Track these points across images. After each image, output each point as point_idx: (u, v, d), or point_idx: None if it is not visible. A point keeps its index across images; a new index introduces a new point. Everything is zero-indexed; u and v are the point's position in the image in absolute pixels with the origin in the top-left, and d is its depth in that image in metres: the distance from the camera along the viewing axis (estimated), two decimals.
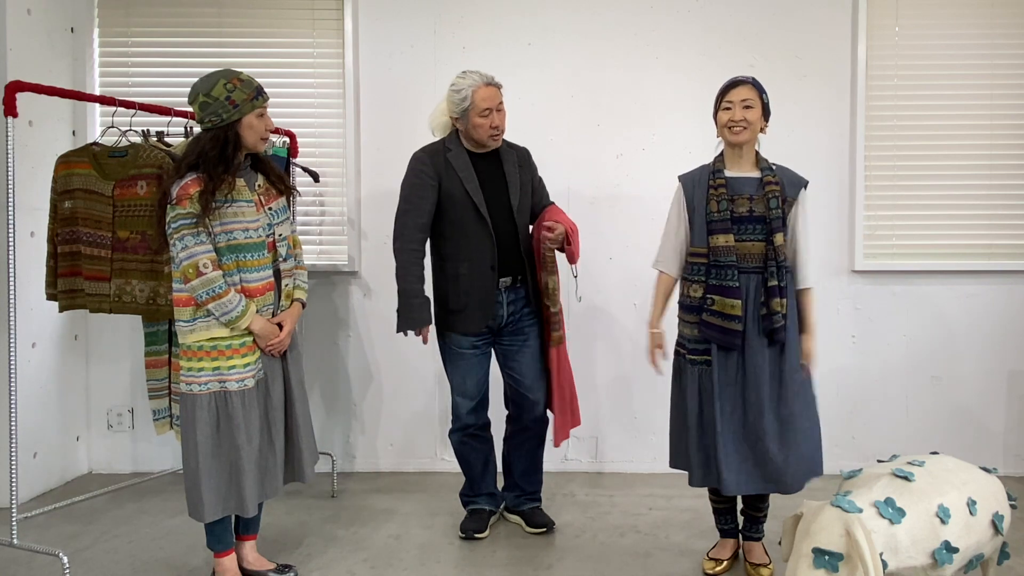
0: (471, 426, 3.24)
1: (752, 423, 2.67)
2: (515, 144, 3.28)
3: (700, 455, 2.75)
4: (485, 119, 3.01)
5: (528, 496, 3.37)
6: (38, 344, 3.77)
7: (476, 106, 2.99)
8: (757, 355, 2.68)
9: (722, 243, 2.70)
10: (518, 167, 3.18)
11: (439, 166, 3.07)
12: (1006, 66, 3.95)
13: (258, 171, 2.71)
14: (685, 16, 4.00)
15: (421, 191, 3.04)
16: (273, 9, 4.07)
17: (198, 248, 2.51)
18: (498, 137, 3.09)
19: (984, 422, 4.00)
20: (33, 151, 3.72)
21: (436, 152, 3.10)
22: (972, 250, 3.98)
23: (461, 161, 3.08)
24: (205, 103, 2.53)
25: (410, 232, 3.03)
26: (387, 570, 2.96)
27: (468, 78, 3.02)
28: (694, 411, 2.75)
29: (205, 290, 2.51)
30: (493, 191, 3.10)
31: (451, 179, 3.06)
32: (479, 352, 3.17)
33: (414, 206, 3.04)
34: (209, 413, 2.57)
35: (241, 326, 2.57)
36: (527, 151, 3.30)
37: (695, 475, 2.77)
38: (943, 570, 2.17)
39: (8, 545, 2.84)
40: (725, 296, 2.68)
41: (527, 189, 3.20)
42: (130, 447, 4.13)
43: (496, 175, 3.13)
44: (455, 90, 3.03)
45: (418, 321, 3.03)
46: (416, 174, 3.06)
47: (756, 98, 2.71)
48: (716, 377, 2.71)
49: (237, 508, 2.61)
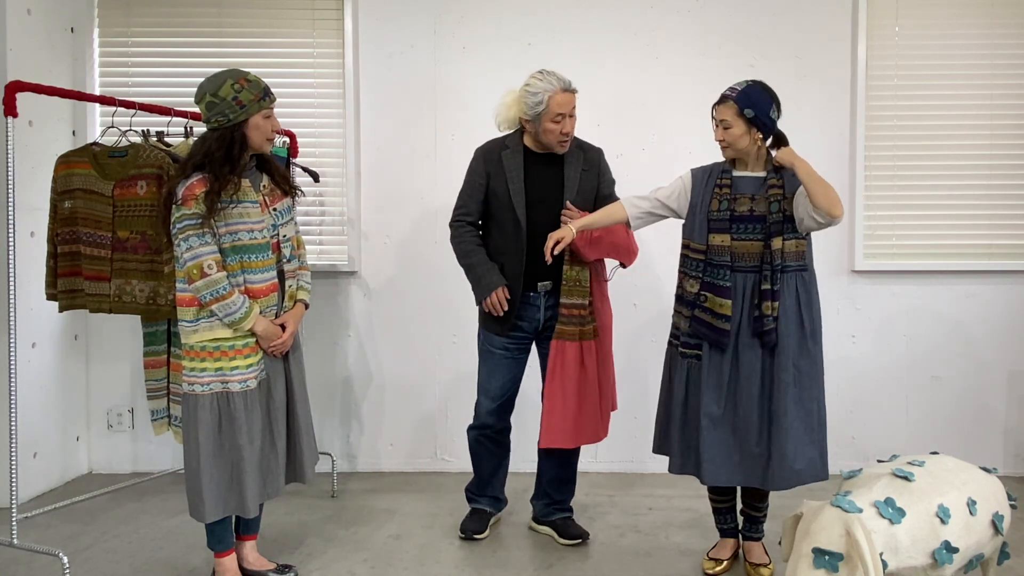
0: (489, 427, 3.20)
1: (739, 420, 2.69)
2: (587, 144, 3.15)
3: (681, 444, 2.79)
4: (557, 124, 2.95)
5: (557, 505, 3.25)
6: (38, 344, 3.77)
7: (550, 111, 2.92)
8: (748, 353, 2.69)
9: (718, 242, 2.71)
10: (582, 170, 3.07)
11: (491, 164, 3.06)
12: (1006, 66, 3.95)
13: (263, 172, 2.71)
14: (685, 16, 4.00)
15: (471, 188, 3.11)
16: (273, 9, 4.07)
17: (203, 249, 2.50)
18: (566, 143, 3.01)
19: (984, 422, 4.00)
20: (33, 151, 3.72)
21: (492, 150, 3.09)
22: (972, 250, 3.98)
23: (514, 161, 3.04)
24: (212, 103, 2.52)
25: (461, 217, 3.11)
26: (387, 570, 2.96)
27: (546, 80, 2.93)
28: (679, 401, 2.80)
29: (209, 291, 2.50)
30: (544, 193, 3.03)
31: (499, 179, 3.04)
32: (509, 355, 3.12)
33: (464, 201, 3.12)
34: (211, 413, 2.56)
35: (244, 327, 2.57)
36: (599, 152, 3.17)
37: (674, 462, 2.82)
38: (943, 570, 2.17)
39: (8, 545, 2.84)
40: (717, 295, 2.69)
41: (588, 194, 3.07)
42: (130, 447, 4.13)
43: (553, 177, 3.05)
44: (531, 92, 2.94)
45: (488, 285, 2.99)
46: (471, 171, 3.13)
47: (735, 117, 2.66)
48: (705, 373, 2.72)
49: (238, 508, 2.61)
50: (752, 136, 2.69)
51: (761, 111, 2.66)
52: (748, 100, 2.66)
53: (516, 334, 3.10)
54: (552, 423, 2.98)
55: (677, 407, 2.80)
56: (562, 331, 3.00)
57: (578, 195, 3.04)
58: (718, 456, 2.70)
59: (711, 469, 2.70)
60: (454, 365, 4.06)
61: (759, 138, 2.70)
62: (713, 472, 2.70)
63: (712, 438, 2.70)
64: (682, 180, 2.86)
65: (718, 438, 2.71)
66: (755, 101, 2.66)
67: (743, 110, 2.65)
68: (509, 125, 3.09)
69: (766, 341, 2.67)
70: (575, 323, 3.00)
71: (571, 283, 3.00)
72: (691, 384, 2.78)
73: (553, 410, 2.99)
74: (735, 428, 2.70)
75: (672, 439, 2.82)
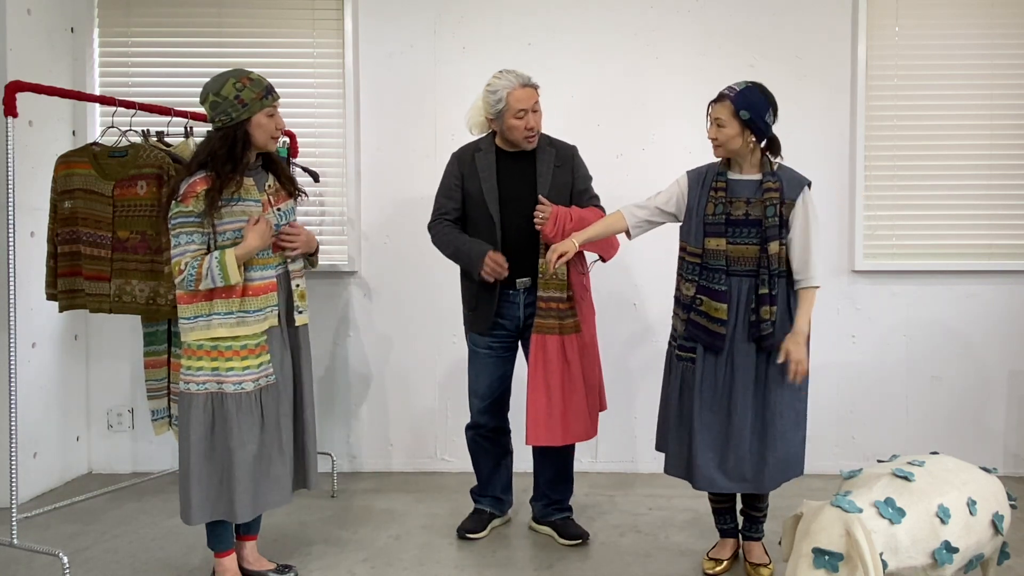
0: (483, 427, 3.23)
1: (733, 424, 2.69)
2: (559, 141, 3.17)
3: (675, 445, 2.81)
4: (520, 120, 2.97)
5: (556, 506, 3.26)
6: (38, 344, 3.77)
7: (511, 108, 2.95)
8: (743, 358, 2.69)
9: (713, 246, 2.71)
10: (554, 167, 3.09)
11: (465, 167, 3.10)
12: (1006, 66, 3.94)
13: (269, 171, 2.72)
14: (685, 16, 4.00)
15: (447, 189, 3.14)
16: (273, 9, 4.07)
17: (189, 247, 2.52)
18: (533, 139, 3.03)
19: (984, 422, 4.00)
20: (33, 151, 3.72)
21: (465, 152, 3.14)
22: (972, 250, 3.98)
23: (486, 161, 3.07)
24: (215, 102, 2.54)
25: (439, 217, 3.13)
26: (387, 570, 2.96)
27: (504, 79, 2.97)
28: (674, 403, 2.82)
29: (185, 280, 2.51)
30: (517, 191, 3.05)
31: (472, 180, 3.07)
32: (494, 354, 3.15)
33: (441, 203, 3.15)
34: (205, 413, 2.56)
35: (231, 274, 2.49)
36: (572, 149, 3.18)
37: (669, 463, 2.85)
38: (943, 570, 2.17)
39: (8, 545, 2.84)
40: (712, 299, 2.69)
41: (562, 189, 3.09)
42: (130, 447, 4.13)
43: (525, 175, 3.07)
44: (490, 91, 2.99)
45: (479, 255, 2.97)
46: (446, 174, 3.17)
47: (730, 117, 2.65)
48: (699, 376, 2.73)
49: (226, 514, 2.58)
50: (745, 138, 2.68)
51: (757, 114, 2.65)
52: (745, 102, 2.65)
53: (499, 332, 3.11)
54: (538, 419, 2.97)
55: (672, 410, 2.82)
56: (541, 324, 2.99)
57: (551, 191, 3.06)
58: (712, 462, 2.70)
59: (705, 475, 2.71)
60: (454, 365, 4.05)
61: (752, 141, 2.70)
62: (707, 479, 2.71)
63: (705, 443, 2.71)
64: (678, 184, 2.85)
65: (711, 443, 2.71)
66: (752, 103, 2.65)
67: (739, 111, 2.65)
68: (480, 128, 3.14)
69: (765, 345, 2.67)
70: (554, 316, 2.99)
71: (548, 276, 3.00)
72: (684, 387, 2.79)
73: (538, 405, 2.97)
74: (729, 433, 2.70)
75: (668, 439, 2.84)
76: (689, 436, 2.74)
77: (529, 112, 2.98)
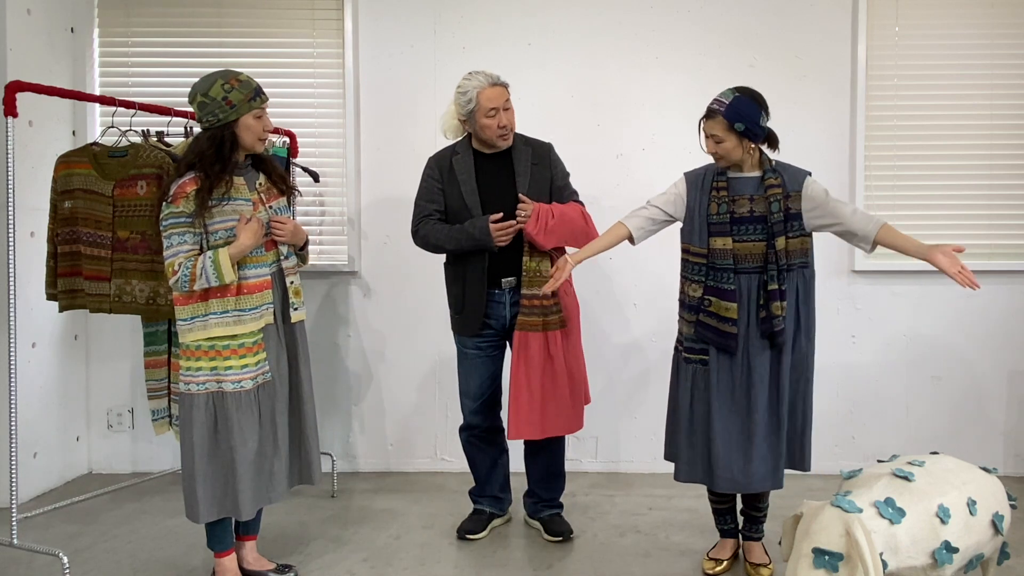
0: (476, 427, 3.24)
1: (754, 423, 2.68)
2: (535, 140, 3.19)
3: (688, 451, 2.78)
4: (492, 119, 2.99)
5: (546, 503, 3.30)
6: (38, 344, 3.77)
7: (482, 107, 2.98)
8: (756, 356, 2.68)
9: (719, 246, 2.70)
10: (532, 164, 3.10)
11: (443, 171, 3.11)
12: (1006, 66, 3.94)
13: (260, 170, 2.72)
14: (685, 16, 4.00)
15: (429, 192, 3.12)
16: (273, 9, 4.07)
17: (181, 248, 2.53)
18: (507, 136, 3.06)
19: (984, 422, 4.00)
20: (33, 151, 3.72)
21: (443, 156, 3.14)
22: (972, 250, 3.97)
23: (464, 164, 3.08)
24: (203, 103, 2.54)
25: (422, 219, 3.12)
26: (387, 570, 2.96)
27: (473, 79, 3.00)
28: (685, 408, 2.78)
29: (179, 281, 2.51)
30: (497, 191, 3.06)
31: (451, 183, 3.08)
32: (482, 354, 3.16)
33: (422, 206, 3.13)
34: (206, 413, 2.57)
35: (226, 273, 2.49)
36: (548, 146, 3.20)
37: (681, 470, 2.80)
38: (943, 570, 2.17)
39: (8, 545, 2.84)
40: (721, 299, 2.68)
41: (541, 186, 3.11)
42: (130, 447, 4.13)
43: (504, 175, 3.09)
44: (460, 92, 3.01)
45: (482, 229, 2.96)
46: (424, 177, 3.16)
47: (724, 131, 2.64)
48: (713, 378, 2.71)
49: (232, 511, 2.61)
50: (745, 147, 2.67)
51: (751, 122, 2.63)
52: (737, 114, 2.62)
53: (486, 332, 3.13)
54: (519, 414, 2.99)
55: (683, 415, 2.78)
56: (524, 322, 3.01)
57: (531, 188, 3.07)
58: (736, 464, 2.68)
59: (727, 477, 2.68)
60: (454, 365, 4.03)
61: (752, 147, 2.69)
62: (730, 480, 2.69)
63: (727, 445, 2.69)
64: (676, 187, 2.84)
65: (734, 445, 2.69)
66: (744, 113, 2.62)
67: (733, 124, 2.63)
68: (455, 133, 3.15)
69: (777, 342, 2.67)
70: (537, 314, 3.01)
71: (532, 274, 3.02)
72: (696, 390, 2.76)
73: (519, 401, 2.99)
74: (752, 432, 2.68)
75: (679, 446, 2.80)
76: (707, 440, 2.71)
77: (500, 110, 3.00)
